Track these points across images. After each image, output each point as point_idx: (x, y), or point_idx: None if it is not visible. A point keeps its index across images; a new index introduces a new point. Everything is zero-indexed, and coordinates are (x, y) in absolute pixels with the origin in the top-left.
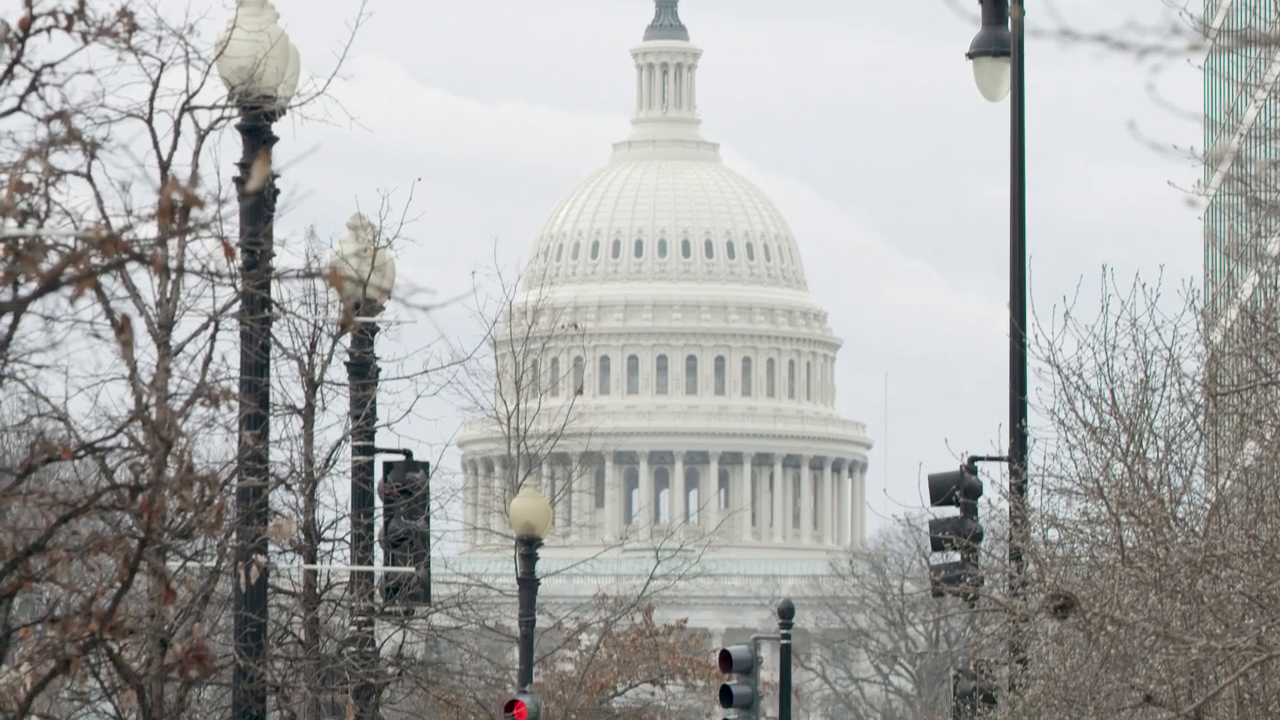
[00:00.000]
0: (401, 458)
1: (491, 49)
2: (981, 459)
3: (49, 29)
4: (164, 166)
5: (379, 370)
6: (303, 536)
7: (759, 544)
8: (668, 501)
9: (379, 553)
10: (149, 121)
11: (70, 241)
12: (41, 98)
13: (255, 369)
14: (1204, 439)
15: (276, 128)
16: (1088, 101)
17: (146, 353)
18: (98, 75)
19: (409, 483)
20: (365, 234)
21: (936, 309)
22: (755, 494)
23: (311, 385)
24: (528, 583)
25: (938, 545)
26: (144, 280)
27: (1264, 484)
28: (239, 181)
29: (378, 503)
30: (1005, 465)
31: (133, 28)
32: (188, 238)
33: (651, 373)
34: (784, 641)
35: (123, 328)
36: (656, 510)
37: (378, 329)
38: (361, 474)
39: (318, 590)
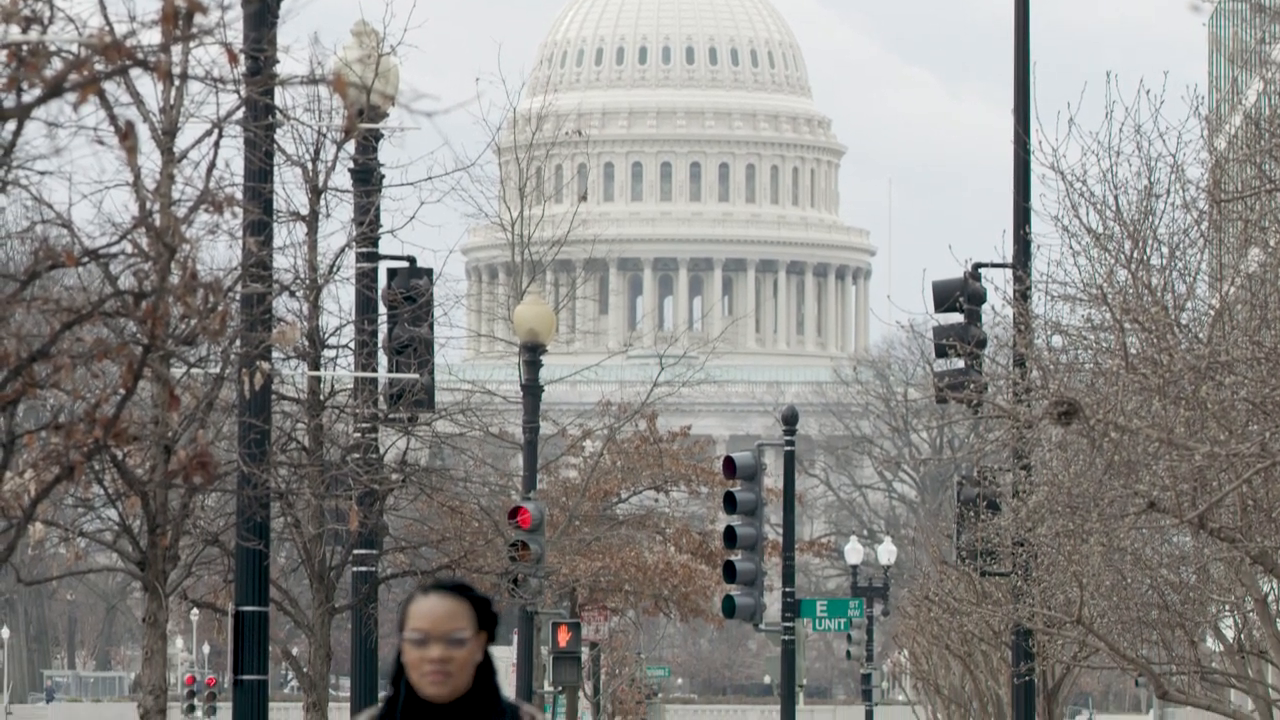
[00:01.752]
0: (405, 264)
1: None
2: (985, 265)
3: None
4: None
5: (383, 177)
6: (306, 343)
7: (763, 351)
8: (671, 308)
9: (383, 359)
10: None
11: (74, 47)
12: None
13: (259, 175)
14: (1208, 245)
15: None
16: None
17: (150, 159)
18: None
19: (413, 289)
20: (369, 40)
21: (940, 117)
22: (759, 301)
23: (315, 192)
24: (532, 389)
25: (941, 352)
26: (148, 86)
27: (1268, 290)
28: None
29: (381, 309)
30: (1009, 272)
31: None
32: (191, 44)
33: (655, 180)
34: (788, 448)
35: (126, 134)
36: (660, 317)
37: (381, 135)
38: (365, 280)
39: (321, 396)
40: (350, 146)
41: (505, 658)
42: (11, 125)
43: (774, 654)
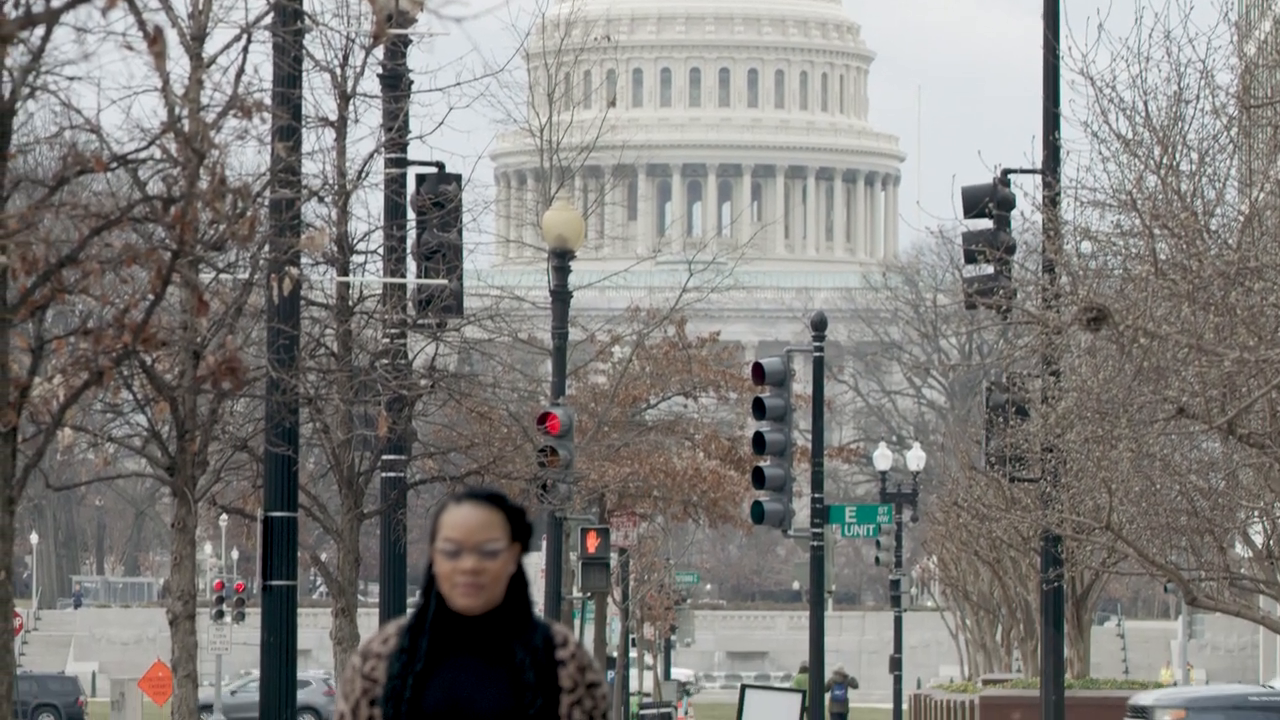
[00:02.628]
0: (434, 170)
1: None
2: (1015, 171)
3: None
4: None
5: (411, 82)
6: (335, 248)
7: (792, 257)
8: (700, 214)
9: (411, 265)
10: None
11: None
12: None
13: (288, 81)
14: (1237, 151)
15: None
16: None
17: (179, 64)
18: None
19: (441, 195)
20: None
21: (969, 23)
22: (788, 207)
23: (344, 97)
24: (560, 295)
25: (971, 257)
26: None
27: None
28: None
29: (410, 215)
30: (1038, 177)
31: None
32: None
33: (684, 85)
34: (816, 354)
35: (155, 39)
36: (689, 223)
37: (410, 41)
38: (394, 186)
39: (350, 302)
40: (379, 52)
41: (534, 564)
42: (40, 30)
43: (802, 560)
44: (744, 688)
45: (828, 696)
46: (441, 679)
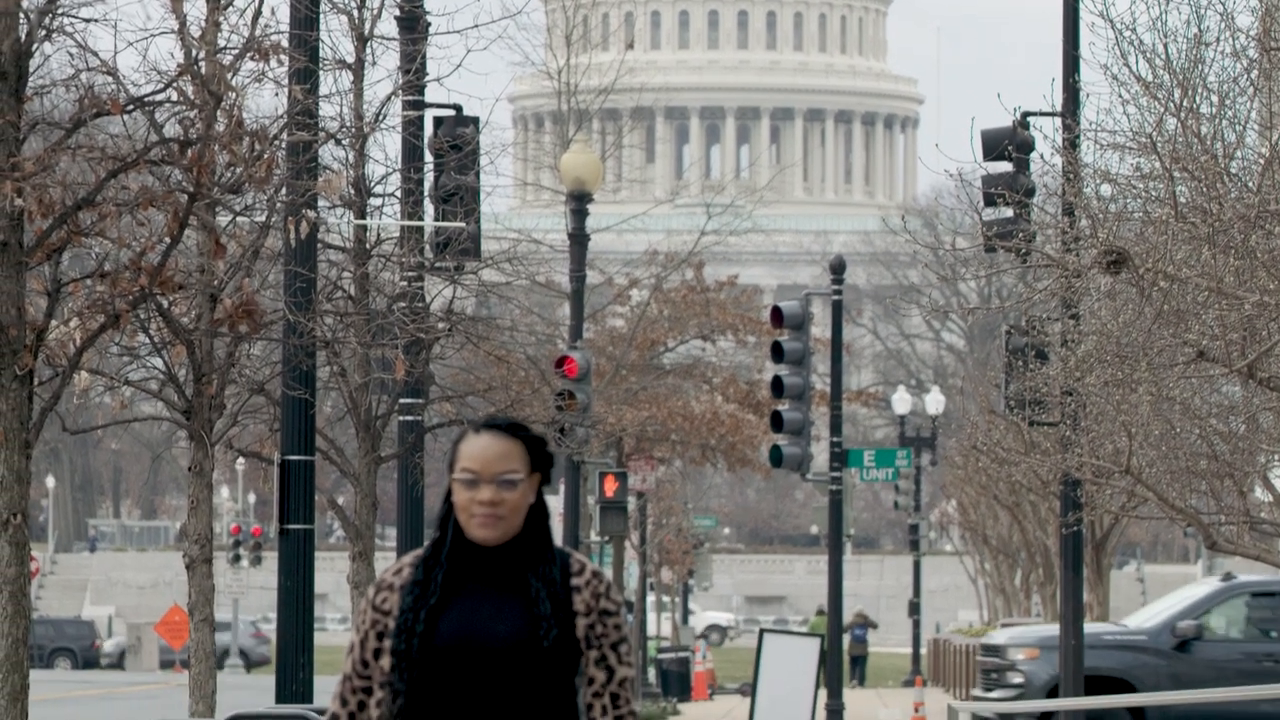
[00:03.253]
0: (452, 113)
1: None
2: (1034, 114)
3: None
4: None
5: (429, 24)
6: (352, 191)
7: (810, 200)
8: (719, 157)
9: (429, 208)
10: None
11: None
12: None
13: (305, 23)
14: (1258, 93)
15: None
16: None
17: (196, 6)
18: None
19: (459, 138)
20: None
21: None
22: (807, 149)
23: (361, 39)
24: (578, 238)
25: (990, 200)
26: None
27: None
28: None
29: (427, 158)
30: (1058, 120)
31: None
32: None
33: (703, 27)
34: (835, 297)
35: None
36: (707, 166)
37: None
38: (411, 129)
39: (367, 245)
40: None
41: (552, 507)
42: None
43: (821, 504)
44: (762, 632)
45: (847, 638)
46: (456, 611)
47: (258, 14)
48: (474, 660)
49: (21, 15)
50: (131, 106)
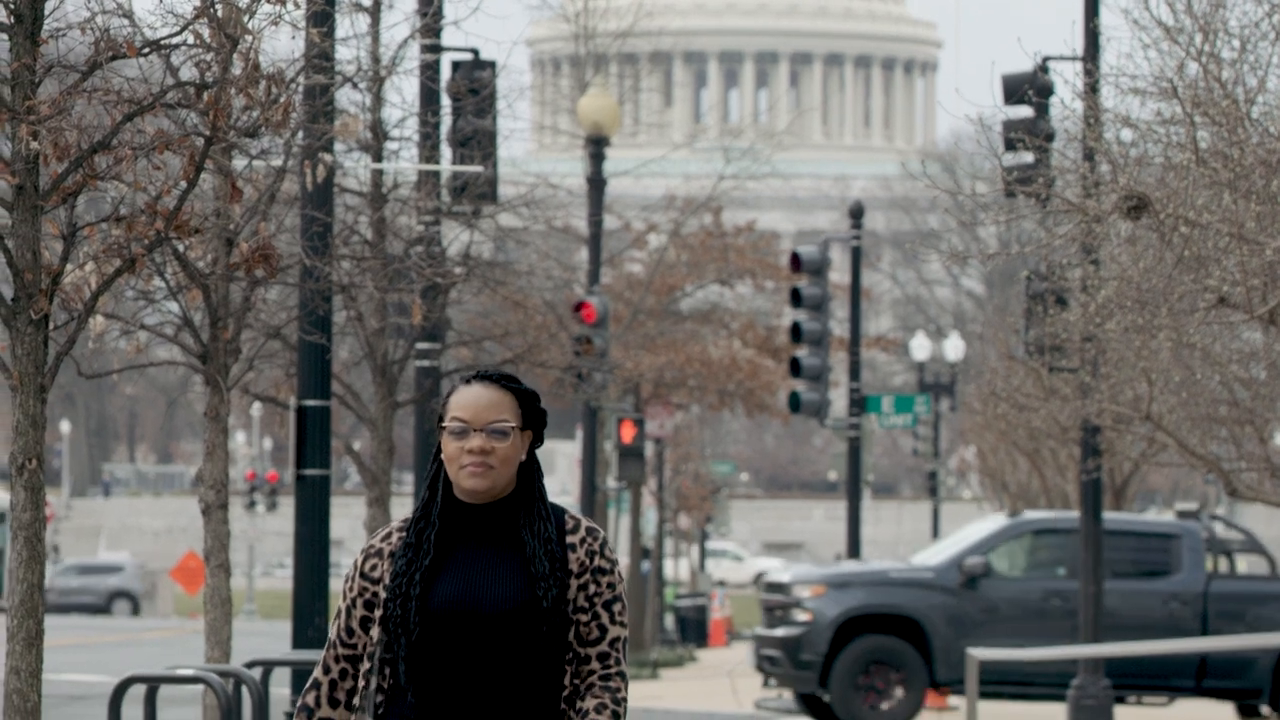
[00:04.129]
0: (469, 56)
1: None
2: (1054, 59)
3: None
4: None
5: None
6: (369, 135)
7: (829, 144)
8: (737, 101)
9: (446, 152)
10: None
11: None
12: None
13: None
14: (1279, 39)
15: None
16: None
17: None
18: None
19: (476, 81)
20: None
21: None
22: (826, 94)
23: None
24: (596, 182)
25: (1010, 145)
26: None
27: None
28: None
29: (445, 101)
30: (1078, 65)
31: None
32: None
33: None
34: (854, 242)
35: None
36: (726, 110)
37: None
38: (428, 73)
39: (384, 189)
40: None
41: (569, 454)
42: None
43: (839, 450)
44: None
45: None
46: (451, 573)
47: None
48: (472, 623)
49: None
50: (147, 50)
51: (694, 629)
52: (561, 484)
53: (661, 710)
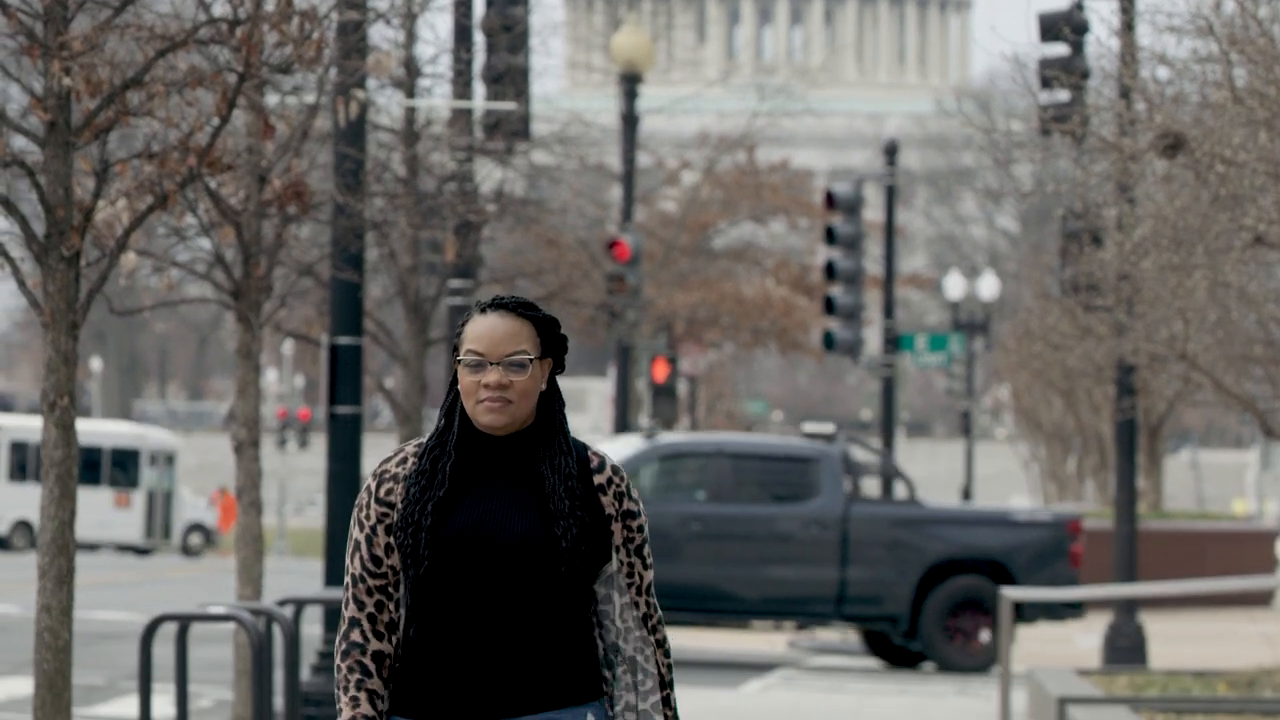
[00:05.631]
0: None
1: None
2: None
3: None
4: None
5: None
6: (402, 71)
7: (863, 82)
8: (771, 38)
9: (479, 88)
10: None
11: None
12: None
13: None
14: None
15: None
16: None
17: None
18: None
19: (509, 18)
20: None
21: None
22: (860, 31)
23: None
24: (629, 120)
25: (1045, 83)
26: None
27: None
28: None
29: (478, 38)
30: (1115, 2)
31: None
32: None
33: None
34: (888, 181)
35: None
36: (760, 47)
37: None
38: (462, 8)
39: (416, 126)
40: None
41: (602, 392)
42: None
43: (872, 389)
44: None
45: None
46: (465, 506)
47: None
48: (486, 559)
49: None
50: None
51: None
52: (594, 422)
53: (694, 649)
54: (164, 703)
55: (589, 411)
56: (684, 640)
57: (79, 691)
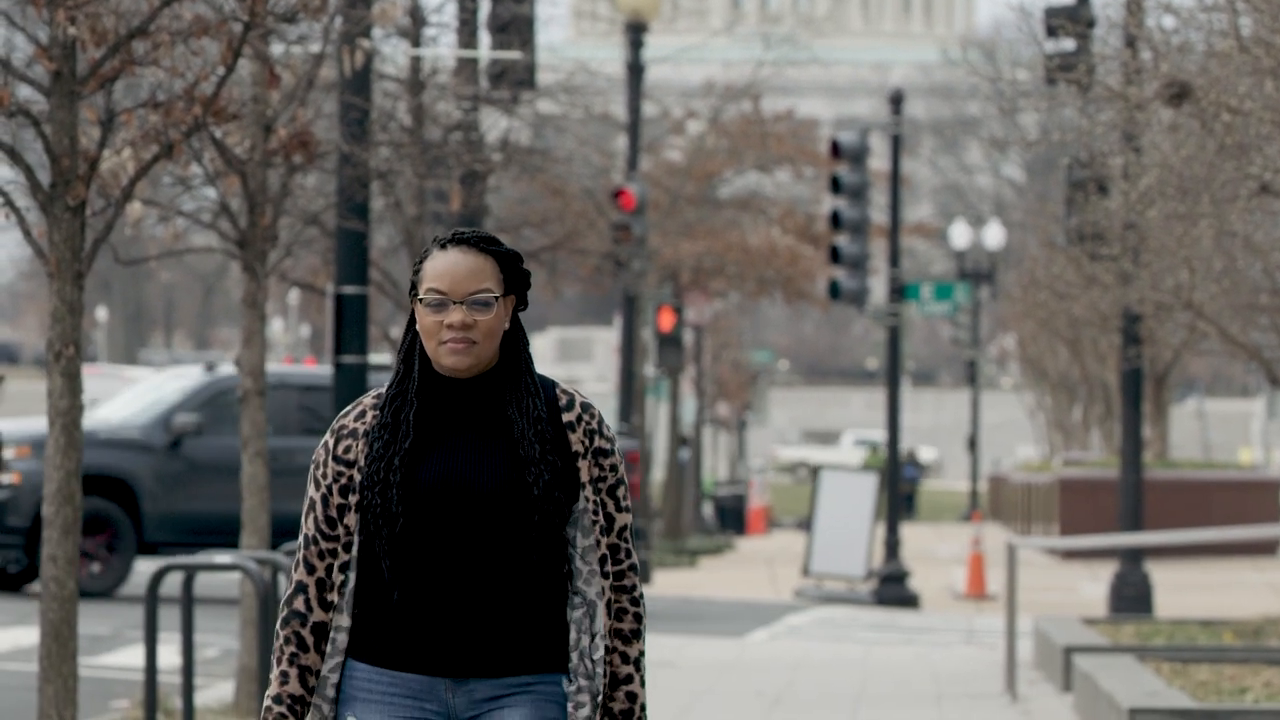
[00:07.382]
0: None
1: None
2: None
3: None
4: None
5: None
6: (408, 20)
7: (869, 31)
8: None
9: (484, 37)
10: None
11: None
12: None
13: None
14: None
15: None
16: None
17: None
18: None
19: None
20: None
21: None
22: None
23: None
24: (634, 69)
25: (1051, 32)
26: None
27: None
28: None
29: None
30: None
31: None
32: None
33: None
34: (894, 130)
35: None
36: None
37: None
38: None
39: (422, 76)
40: None
41: (608, 341)
42: None
43: (878, 338)
44: (819, 469)
45: None
46: (432, 457)
47: None
48: (457, 510)
49: None
50: None
51: (732, 518)
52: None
53: (700, 598)
54: (170, 652)
55: (595, 361)
56: (689, 589)
57: (85, 641)
